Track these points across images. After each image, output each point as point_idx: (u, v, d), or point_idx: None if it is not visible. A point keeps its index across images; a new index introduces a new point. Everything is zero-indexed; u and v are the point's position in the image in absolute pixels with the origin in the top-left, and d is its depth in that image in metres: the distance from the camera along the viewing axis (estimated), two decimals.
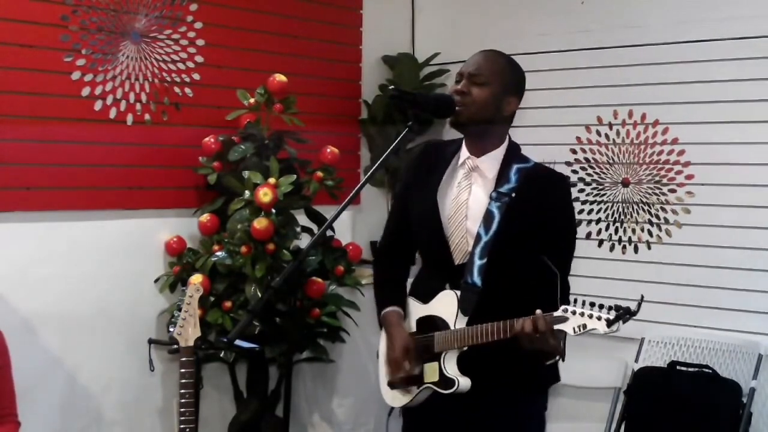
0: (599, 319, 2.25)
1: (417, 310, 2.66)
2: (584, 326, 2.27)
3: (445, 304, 2.55)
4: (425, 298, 2.63)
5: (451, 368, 2.51)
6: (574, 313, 2.28)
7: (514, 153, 2.62)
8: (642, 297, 2.25)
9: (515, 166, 2.57)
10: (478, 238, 2.51)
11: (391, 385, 2.67)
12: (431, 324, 2.58)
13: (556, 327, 2.30)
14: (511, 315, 2.38)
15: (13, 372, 3.00)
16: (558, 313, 2.30)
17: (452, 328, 2.51)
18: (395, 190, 2.84)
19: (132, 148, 3.64)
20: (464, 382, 2.49)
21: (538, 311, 2.34)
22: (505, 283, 2.48)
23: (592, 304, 2.28)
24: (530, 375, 2.55)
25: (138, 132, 3.64)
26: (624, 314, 2.23)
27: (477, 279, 2.49)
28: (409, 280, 2.80)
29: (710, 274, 3.71)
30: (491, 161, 2.59)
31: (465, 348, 2.49)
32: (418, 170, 2.72)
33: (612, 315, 2.24)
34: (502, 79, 2.56)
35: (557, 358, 2.44)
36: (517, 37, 4.18)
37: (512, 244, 2.50)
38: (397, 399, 2.67)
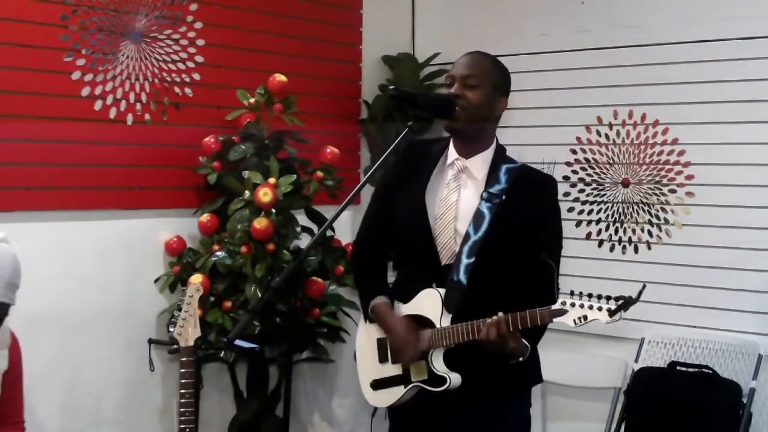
0: (600, 309, 2.26)
1: (400, 310, 2.65)
2: (585, 317, 2.27)
3: (429, 303, 2.55)
4: (407, 298, 2.63)
5: (440, 365, 2.52)
6: (573, 305, 2.28)
7: (501, 154, 2.64)
8: (643, 285, 2.24)
9: (504, 167, 2.59)
10: (466, 237, 2.52)
11: (376, 385, 2.66)
12: (414, 322, 2.58)
13: (556, 320, 2.30)
14: (494, 313, 2.40)
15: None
16: (556, 306, 2.30)
17: (438, 326, 2.52)
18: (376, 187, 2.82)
19: (132, 148, 3.64)
20: (455, 379, 2.50)
21: (500, 314, 2.37)
22: (491, 283, 2.49)
23: (590, 295, 2.28)
24: (514, 374, 2.55)
25: (138, 132, 3.64)
26: (625, 304, 2.24)
27: (463, 277, 2.50)
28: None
29: (710, 275, 3.71)
30: (480, 162, 2.60)
31: (452, 345, 2.50)
32: (402, 169, 2.70)
33: (613, 305, 2.24)
34: (492, 80, 2.57)
35: (520, 359, 2.46)
36: (518, 37, 4.18)
37: (501, 244, 2.51)
38: (381, 399, 2.66)
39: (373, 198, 2.80)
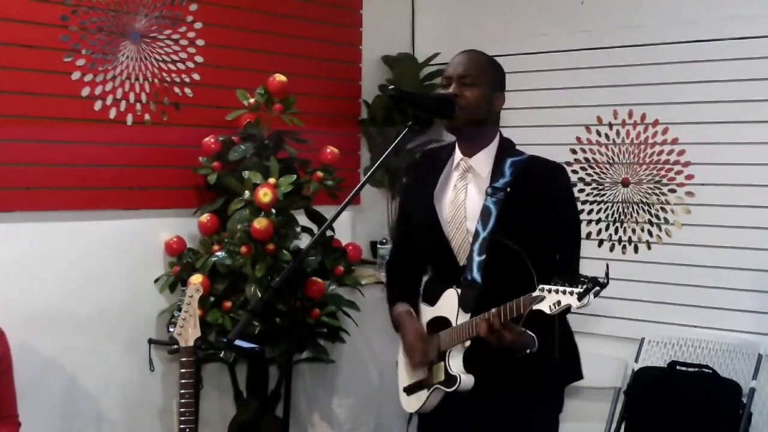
0: (572, 294, 2.20)
1: (426, 313, 2.68)
2: (559, 303, 2.23)
3: (448, 303, 2.56)
4: (433, 301, 2.65)
5: (456, 366, 2.51)
6: (549, 291, 2.25)
7: (506, 148, 2.62)
8: (607, 266, 2.20)
9: (509, 160, 2.57)
10: (476, 234, 2.52)
11: (408, 390, 2.67)
12: (438, 324, 2.59)
13: (535, 307, 2.26)
14: None
15: (13, 372, 3.00)
16: (535, 293, 2.27)
17: (454, 325, 2.52)
18: (397, 197, 2.87)
19: (132, 148, 3.64)
20: (466, 379, 2.49)
21: (493, 310, 2.36)
22: (505, 278, 2.46)
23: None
24: (540, 375, 2.53)
25: (138, 132, 3.64)
26: (593, 287, 2.18)
27: (477, 275, 2.50)
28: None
29: (710, 274, 3.71)
30: (484, 159, 2.60)
31: (467, 344, 2.49)
32: (416, 179, 2.75)
33: (582, 288, 2.19)
34: (489, 78, 2.58)
35: (528, 350, 2.40)
36: (517, 37, 4.18)
37: (510, 238, 2.48)
38: (411, 404, 2.67)
39: (398, 211, 2.84)
